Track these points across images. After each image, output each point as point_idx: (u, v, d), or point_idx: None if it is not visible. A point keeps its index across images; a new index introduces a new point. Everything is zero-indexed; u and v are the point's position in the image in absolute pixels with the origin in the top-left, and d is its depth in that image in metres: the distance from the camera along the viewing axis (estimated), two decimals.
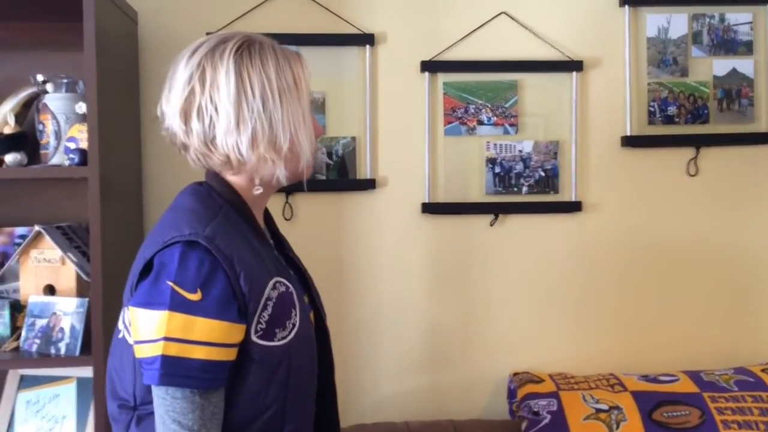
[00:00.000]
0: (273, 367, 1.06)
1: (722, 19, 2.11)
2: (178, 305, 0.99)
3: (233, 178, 1.13)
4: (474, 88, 2.09)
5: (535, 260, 2.12)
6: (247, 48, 1.08)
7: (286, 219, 2.03)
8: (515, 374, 2.05)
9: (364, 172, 2.08)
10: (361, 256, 2.09)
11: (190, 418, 1.00)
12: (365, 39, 2.05)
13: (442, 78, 2.09)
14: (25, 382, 1.75)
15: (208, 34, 1.99)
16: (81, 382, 1.72)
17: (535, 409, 1.85)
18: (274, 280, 1.09)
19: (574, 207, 2.10)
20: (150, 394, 1.05)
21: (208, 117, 1.06)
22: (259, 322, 1.04)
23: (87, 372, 1.66)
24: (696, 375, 1.96)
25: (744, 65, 2.11)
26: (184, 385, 0.99)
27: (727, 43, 2.11)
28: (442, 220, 2.10)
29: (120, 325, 1.14)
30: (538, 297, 2.12)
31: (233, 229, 1.08)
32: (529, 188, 2.11)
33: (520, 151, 2.10)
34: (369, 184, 2.07)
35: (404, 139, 2.09)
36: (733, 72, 2.11)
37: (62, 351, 1.64)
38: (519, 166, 2.10)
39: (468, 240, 2.10)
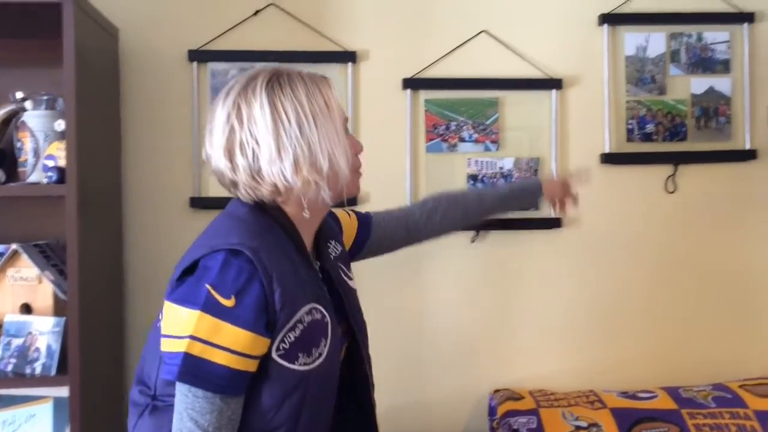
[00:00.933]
0: (288, 389, 1.09)
1: (700, 38, 2.14)
2: (211, 307, 1.03)
3: (284, 207, 1.16)
4: (455, 105, 2.10)
5: (516, 276, 2.13)
6: (276, 79, 1.12)
7: None
8: (496, 391, 2.06)
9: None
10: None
11: (207, 419, 1.03)
12: (347, 56, 2.06)
13: (424, 95, 2.10)
14: (1, 402, 1.73)
15: (189, 51, 2.03)
16: (57, 402, 1.70)
17: (515, 427, 1.86)
18: (311, 305, 1.12)
19: (554, 223, 2.11)
20: (168, 387, 1.10)
21: (250, 151, 1.10)
22: (283, 341, 1.08)
23: (63, 392, 1.64)
24: (674, 391, 1.97)
25: (721, 84, 2.14)
26: (200, 386, 1.03)
27: (704, 62, 2.14)
28: None
29: (160, 315, 1.18)
30: (518, 313, 2.13)
31: (280, 248, 1.12)
32: None
33: (501, 167, 2.11)
34: (351, 201, 2.05)
35: (386, 155, 2.09)
36: (711, 90, 2.14)
37: (38, 371, 1.63)
38: (500, 183, 2.12)
39: (450, 255, 2.11)
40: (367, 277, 2.08)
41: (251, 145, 1.10)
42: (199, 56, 2.02)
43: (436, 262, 2.11)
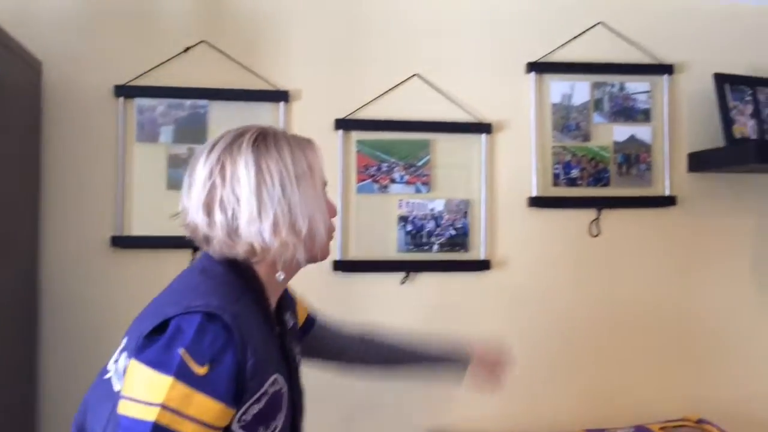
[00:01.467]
0: None
1: (622, 88, 2.22)
2: (184, 375, 0.98)
3: (255, 267, 1.14)
4: (387, 146, 2.12)
5: (446, 318, 2.13)
6: (263, 139, 1.12)
7: None
8: None
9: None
10: None
11: None
12: (279, 96, 2.06)
13: (356, 136, 2.11)
14: None
15: (116, 86, 1.99)
16: None
17: None
18: (275, 376, 1.10)
19: (483, 265, 2.14)
20: None
21: (230, 208, 1.08)
22: (246, 413, 1.04)
23: None
24: None
25: (642, 132, 2.22)
26: None
27: (626, 111, 2.22)
28: (354, 278, 2.09)
29: (110, 366, 1.11)
30: None
31: (253, 314, 1.09)
32: (440, 246, 2.13)
33: (432, 209, 2.13)
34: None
35: None
36: (632, 138, 2.22)
37: None
38: (430, 225, 2.13)
39: (379, 298, 2.10)
40: None
41: (232, 203, 1.08)
42: (126, 92, 1.98)
43: (366, 303, 2.10)
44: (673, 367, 2.22)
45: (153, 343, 1.01)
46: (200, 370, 0.99)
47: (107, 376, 1.11)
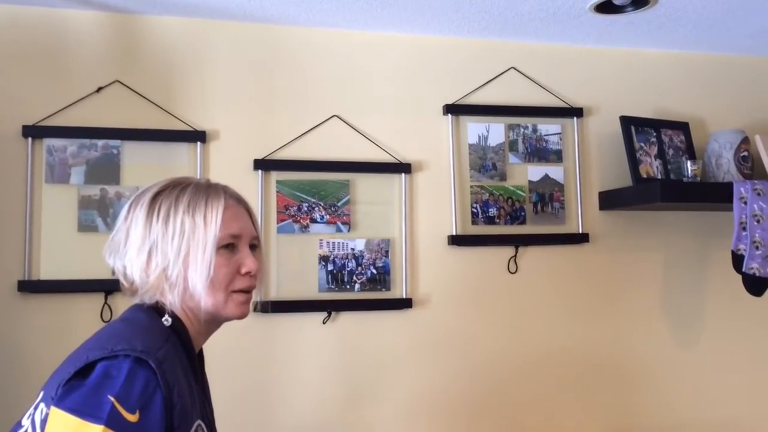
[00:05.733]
0: None
1: (535, 130, 2.30)
2: (115, 423, 0.94)
3: (189, 311, 1.13)
4: (307, 186, 2.12)
5: (368, 357, 2.12)
6: (171, 186, 1.14)
7: (104, 321, 1.91)
8: None
9: None
10: None
11: None
12: (196, 136, 2.04)
13: (276, 176, 2.11)
14: None
15: (24, 126, 1.93)
16: None
17: None
18: (198, 423, 1.07)
19: (405, 304, 2.14)
20: None
21: (123, 249, 1.12)
22: None
23: None
24: None
25: (555, 172, 2.31)
26: None
27: (539, 152, 2.30)
28: (275, 318, 2.07)
29: (25, 422, 1.04)
30: (371, 392, 2.12)
31: (177, 360, 1.07)
32: (361, 285, 2.14)
33: (353, 248, 2.14)
34: None
35: None
36: (546, 177, 2.30)
37: None
38: (351, 264, 2.14)
39: (301, 337, 2.08)
40: (219, 358, 2.00)
41: (123, 243, 1.12)
42: (35, 132, 1.93)
43: (287, 343, 2.07)
44: (591, 399, 2.27)
45: (76, 389, 0.98)
46: (132, 418, 0.96)
47: (22, 431, 1.05)
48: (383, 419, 2.12)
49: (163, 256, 1.10)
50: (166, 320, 1.11)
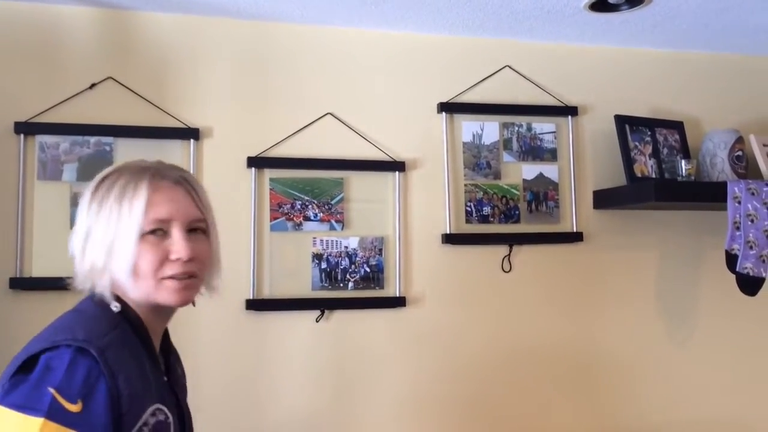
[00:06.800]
0: None
1: (529, 129, 2.30)
2: (56, 414, 0.94)
3: (131, 298, 1.11)
4: (301, 184, 2.12)
5: (361, 355, 2.12)
6: (116, 172, 1.12)
7: None
8: None
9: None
10: (183, 355, 1.99)
11: None
12: (190, 133, 2.03)
13: (269, 174, 2.10)
14: None
15: (16, 123, 1.92)
16: None
17: None
18: (156, 406, 1.06)
19: (398, 302, 2.14)
20: None
21: (74, 232, 1.11)
22: None
23: None
24: None
25: (549, 170, 2.30)
26: None
27: (534, 150, 2.30)
28: (268, 317, 2.06)
29: None
30: (364, 391, 2.11)
31: (126, 347, 1.06)
32: (354, 284, 2.13)
33: (346, 246, 2.14)
34: None
35: (229, 234, 2.04)
36: (540, 176, 2.29)
37: None
38: (345, 262, 2.13)
39: (294, 336, 2.08)
40: (211, 354, 2.00)
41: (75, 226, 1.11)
42: (27, 128, 1.92)
43: (281, 341, 2.07)
44: (585, 398, 2.27)
45: (19, 384, 0.97)
46: (74, 408, 0.95)
47: None
48: (376, 417, 2.11)
49: (92, 245, 1.09)
50: (116, 306, 1.09)
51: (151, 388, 1.07)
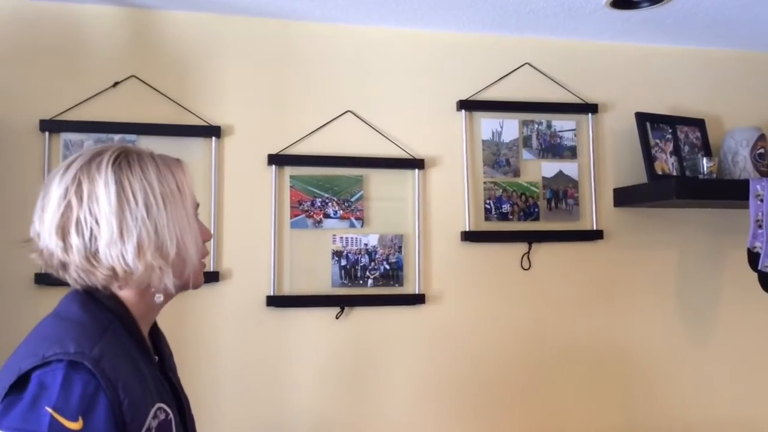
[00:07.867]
0: None
1: (549, 126, 2.29)
2: None
3: (120, 292, 1.07)
4: (320, 181, 2.13)
5: (380, 352, 2.13)
6: (125, 157, 1.05)
7: None
8: None
9: (207, 264, 2.02)
10: (202, 351, 2.01)
11: None
12: (211, 131, 2.05)
13: (289, 171, 2.11)
14: None
15: (41, 120, 1.95)
16: None
17: None
18: (156, 407, 1.04)
19: (418, 299, 2.15)
20: None
21: (88, 230, 1.01)
22: None
23: None
24: None
25: (569, 168, 2.30)
26: None
27: (553, 148, 2.29)
28: (288, 313, 2.08)
29: None
30: (384, 389, 2.12)
31: (120, 348, 1.02)
32: (374, 281, 2.14)
33: (366, 244, 2.14)
34: (212, 277, 2.02)
35: (249, 231, 2.07)
36: (560, 174, 2.29)
37: None
38: (364, 259, 2.14)
39: (313, 332, 2.09)
40: (231, 352, 2.02)
41: (89, 224, 1.00)
42: (52, 126, 1.94)
43: (300, 338, 2.08)
44: (604, 396, 2.26)
45: (14, 405, 0.93)
46: (74, 426, 0.92)
47: None
48: (395, 413, 2.12)
49: (157, 237, 1.04)
50: (158, 297, 1.09)
51: (148, 387, 1.04)
